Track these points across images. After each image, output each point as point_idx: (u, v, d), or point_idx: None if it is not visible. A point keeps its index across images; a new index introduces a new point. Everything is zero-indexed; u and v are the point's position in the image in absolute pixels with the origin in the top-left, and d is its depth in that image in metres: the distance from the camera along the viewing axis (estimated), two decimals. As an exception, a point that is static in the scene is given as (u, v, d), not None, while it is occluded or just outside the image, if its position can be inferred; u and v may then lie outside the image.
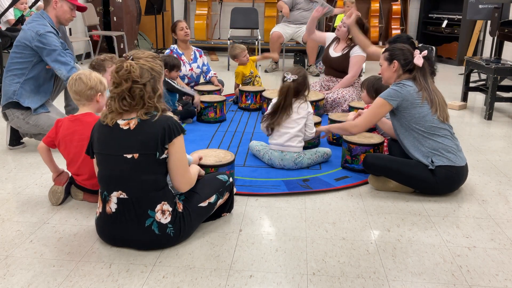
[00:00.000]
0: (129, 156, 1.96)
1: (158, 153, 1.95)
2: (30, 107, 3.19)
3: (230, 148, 3.43)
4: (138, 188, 1.98)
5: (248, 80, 4.74)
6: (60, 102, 3.61)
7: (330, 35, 4.76)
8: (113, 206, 2.00)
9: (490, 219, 2.44)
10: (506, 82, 5.76)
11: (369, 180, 2.82)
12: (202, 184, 2.21)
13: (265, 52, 6.30)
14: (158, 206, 1.99)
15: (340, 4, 7.16)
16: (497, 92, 4.37)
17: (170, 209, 2.02)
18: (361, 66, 4.48)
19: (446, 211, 2.51)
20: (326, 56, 4.65)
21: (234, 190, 2.51)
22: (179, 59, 4.16)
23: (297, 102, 3.00)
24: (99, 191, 2.09)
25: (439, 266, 1.99)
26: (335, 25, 6.85)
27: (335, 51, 4.57)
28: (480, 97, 5.22)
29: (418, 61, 2.64)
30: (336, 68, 4.54)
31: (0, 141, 3.51)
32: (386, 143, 3.07)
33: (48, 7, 3.21)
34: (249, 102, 4.46)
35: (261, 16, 7.80)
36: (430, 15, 7.83)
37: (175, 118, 2.04)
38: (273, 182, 2.83)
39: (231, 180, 2.32)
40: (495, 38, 5.36)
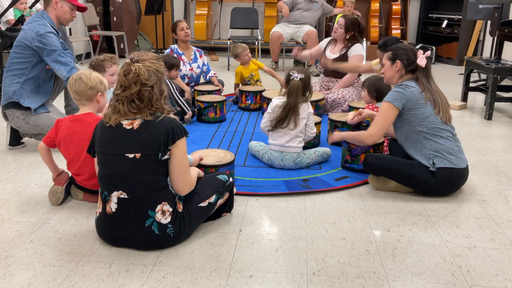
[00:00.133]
0: (131, 155, 1.96)
1: (160, 154, 1.95)
2: (30, 107, 3.19)
3: (230, 148, 3.44)
4: (138, 188, 1.98)
5: (247, 82, 4.74)
6: (60, 102, 3.61)
7: (323, 42, 4.76)
8: (113, 206, 2.00)
9: (490, 219, 2.44)
10: (506, 82, 5.76)
11: (369, 180, 2.82)
12: (202, 184, 2.21)
13: (267, 52, 6.29)
14: (159, 207, 1.99)
15: (340, 4, 7.17)
16: (497, 92, 4.37)
17: (171, 209, 2.02)
18: None
19: (446, 211, 2.51)
20: (323, 59, 4.64)
21: (234, 190, 2.51)
22: (178, 59, 4.16)
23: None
24: (99, 191, 2.09)
25: (439, 266, 1.99)
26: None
27: (332, 53, 4.56)
28: (480, 97, 5.22)
29: (421, 61, 2.63)
30: (335, 69, 4.53)
31: (0, 141, 3.51)
32: (386, 143, 3.07)
33: (48, 7, 3.21)
34: (249, 102, 4.46)
35: (261, 16, 7.80)
36: (430, 15, 7.83)
37: (176, 118, 2.04)
38: (273, 182, 2.83)
39: (231, 180, 2.32)
40: (495, 38, 5.36)
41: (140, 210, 1.99)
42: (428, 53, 2.67)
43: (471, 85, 4.97)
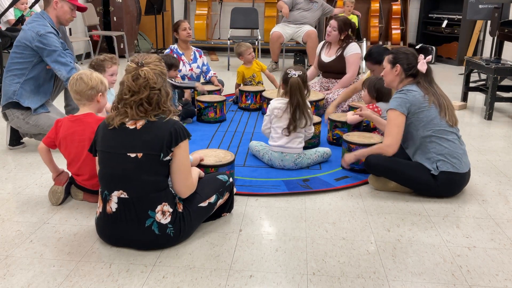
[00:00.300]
0: (133, 155, 1.96)
1: (162, 155, 1.95)
2: (30, 107, 3.19)
3: (230, 148, 3.43)
4: (139, 188, 1.98)
5: (248, 83, 4.74)
6: (60, 102, 3.61)
7: (318, 48, 4.76)
8: (113, 205, 2.00)
9: (490, 219, 2.44)
10: (506, 82, 5.76)
11: (369, 180, 2.82)
12: (202, 184, 2.21)
13: (267, 52, 6.29)
14: (159, 207, 1.99)
15: (340, 4, 7.16)
16: (497, 92, 4.37)
17: (171, 210, 2.02)
18: (358, 64, 4.47)
19: (446, 211, 2.51)
20: (320, 63, 4.63)
21: (234, 190, 2.51)
22: (177, 59, 4.16)
23: None
24: (99, 190, 2.09)
25: (439, 266, 1.99)
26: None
27: (328, 56, 4.55)
28: (480, 97, 5.22)
29: (422, 67, 2.61)
30: (333, 71, 4.54)
31: (0, 141, 3.51)
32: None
33: (49, 7, 3.21)
34: (249, 102, 4.46)
35: (261, 16, 7.80)
36: (430, 15, 7.83)
37: (177, 119, 2.05)
38: (273, 182, 2.83)
39: (231, 180, 2.32)
40: (495, 38, 5.36)
41: (140, 210, 1.99)
42: (429, 58, 2.66)
43: (471, 85, 4.97)
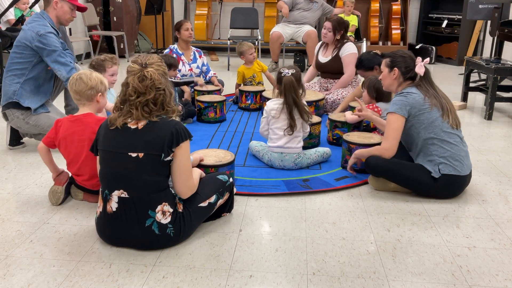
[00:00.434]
0: (134, 155, 1.96)
1: (163, 155, 1.96)
2: (30, 107, 3.19)
3: (230, 148, 3.43)
4: (140, 187, 1.98)
5: (248, 83, 4.74)
6: (60, 102, 3.61)
7: (316, 48, 4.77)
8: (114, 205, 2.01)
9: (490, 219, 2.44)
10: (506, 82, 5.76)
11: (369, 181, 2.82)
12: (202, 184, 2.21)
13: (267, 52, 6.29)
14: (159, 207, 1.99)
15: (340, 4, 7.16)
16: (497, 92, 4.37)
17: (171, 210, 2.02)
18: (355, 63, 4.47)
19: (446, 211, 2.51)
20: (317, 64, 4.66)
21: (234, 190, 2.51)
22: (176, 58, 4.16)
23: None
24: (99, 190, 2.09)
25: (439, 266, 1.99)
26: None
27: (324, 57, 4.57)
28: (480, 97, 5.22)
29: (420, 69, 2.61)
30: (330, 72, 4.55)
31: (0, 141, 3.51)
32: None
33: (49, 7, 3.21)
34: (249, 102, 4.46)
35: (261, 16, 7.80)
36: (430, 15, 7.83)
37: (178, 119, 2.05)
38: (273, 182, 2.83)
39: (231, 180, 2.32)
40: (495, 38, 5.36)
41: (140, 209, 1.99)
42: (427, 60, 2.66)
43: (471, 85, 4.97)
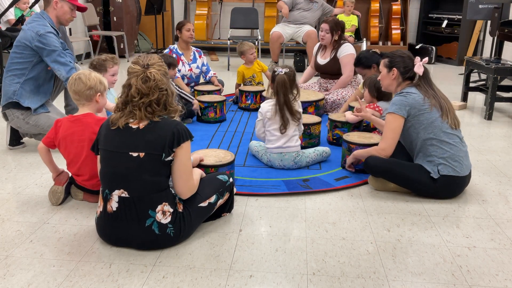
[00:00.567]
0: (135, 154, 1.96)
1: (164, 155, 1.96)
2: (30, 107, 3.19)
3: (230, 148, 3.43)
4: (140, 187, 1.98)
5: (248, 83, 4.74)
6: (60, 102, 3.61)
7: (314, 49, 4.77)
8: (114, 204, 2.01)
9: (490, 219, 2.44)
10: (506, 82, 5.76)
11: (369, 181, 2.81)
12: (202, 184, 2.21)
13: (267, 52, 6.28)
14: (159, 207, 1.99)
15: (340, 4, 7.16)
16: (497, 92, 4.37)
17: (171, 210, 2.02)
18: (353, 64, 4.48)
19: (446, 211, 2.51)
20: (316, 65, 4.67)
21: (234, 190, 2.51)
22: (174, 58, 4.16)
23: None
24: (100, 190, 2.09)
25: (439, 266, 1.99)
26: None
27: (323, 58, 4.58)
28: (480, 97, 5.22)
29: (419, 69, 2.61)
30: (330, 73, 4.55)
31: (0, 141, 3.51)
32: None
33: (48, 7, 3.21)
34: (249, 102, 4.46)
35: (261, 16, 7.80)
36: (430, 15, 7.83)
37: (178, 119, 2.05)
38: (273, 182, 2.83)
39: (231, 180, 2.32)
40: (495, 38, 5.36)
41: (140, 209, 1.99)
42: (426, 60, 2.66)
43: (471, 85, 4.97)
